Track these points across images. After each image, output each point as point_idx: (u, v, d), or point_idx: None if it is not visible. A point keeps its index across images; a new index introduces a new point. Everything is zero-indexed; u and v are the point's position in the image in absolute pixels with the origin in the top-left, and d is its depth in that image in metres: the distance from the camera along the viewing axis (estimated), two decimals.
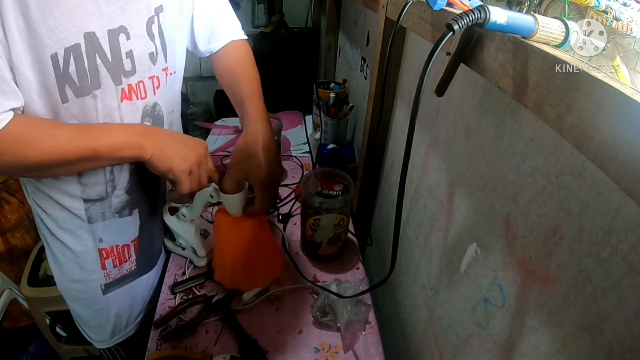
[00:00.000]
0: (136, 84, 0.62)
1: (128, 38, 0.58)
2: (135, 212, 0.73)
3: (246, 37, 0.83)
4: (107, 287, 0.75)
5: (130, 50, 0.59)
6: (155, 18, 0.62)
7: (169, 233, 0.88)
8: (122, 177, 0.68)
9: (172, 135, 0.63)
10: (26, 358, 1.35)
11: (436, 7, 0.47)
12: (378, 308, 0.92)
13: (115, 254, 0.73)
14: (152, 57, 0.63)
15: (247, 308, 0.77)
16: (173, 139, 0.62)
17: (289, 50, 2.27)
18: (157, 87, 0.67)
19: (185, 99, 2.59)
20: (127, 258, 0.76)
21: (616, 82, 0.26)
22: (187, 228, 0.84)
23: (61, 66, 0.52)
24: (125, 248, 0.75)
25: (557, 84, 0.30)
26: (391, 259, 0.51)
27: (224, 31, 0.79)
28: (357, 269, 0.89)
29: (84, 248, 0.70)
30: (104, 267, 0.73)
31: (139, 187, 0.72)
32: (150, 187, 0.76)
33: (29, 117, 0.54)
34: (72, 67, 0.53)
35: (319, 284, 0.80)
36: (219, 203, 0.74)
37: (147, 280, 0.83)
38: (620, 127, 0.25)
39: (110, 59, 0.57)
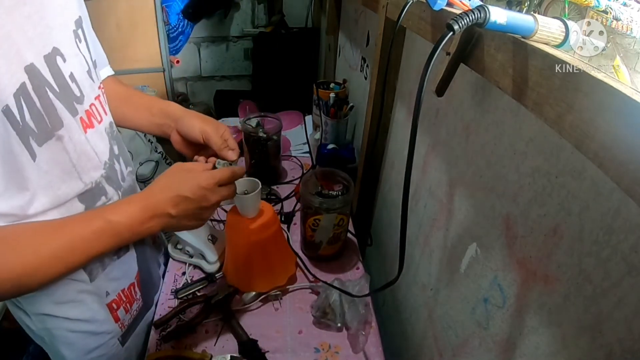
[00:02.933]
0: (90, 108, 0.56)
1: (64, 60, 0.50)
2: (131, 245, 0.68)
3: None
4: (125, 337, 0.69)
5: (72, 73, 0.52)
6: (79, 32, 0.55)
7: (173, 241, 0.88)
8: None
9: (175, 200, 0.54)
10: (26, 358, 1.35)
11: (436, 7, 0.47)
12: (378, 308, 0.92)
13: (124, 299, 0.67)
14: (90, 75, 0.57)
15: (247, 308, 0.77)
16: (177, 204, 0.54)
17: (289, 50, 2.27)
18: (105, 105, 0.62)
19: (185, 99, 2.59)
20: (135, 297, 0.70)
21: (616, 82, 0.26)
22: (196, 235, 0.83)
23: (17, 117, 0.43)
24: (131, 287, 0.69)
25: (557, 84, 0.30)
26: (399, 259, 0.51)
27: (103, 62, 0.70)
28: (357, 269, 0.89)
29: (92, 312, 0.62)
30: (117, 320, 0.66)
31: None
32: None
33: (5, 234, 0.46)
34: (26, 115, 0.44)
35: (321, 283, 0.80)
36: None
37: (154, 305, 0.79)
38: (620, 127, 0.25)
39: (57, 89, 0.49)
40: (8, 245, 0.45)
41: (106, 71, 0.71)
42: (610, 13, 0.34)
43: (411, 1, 0.57)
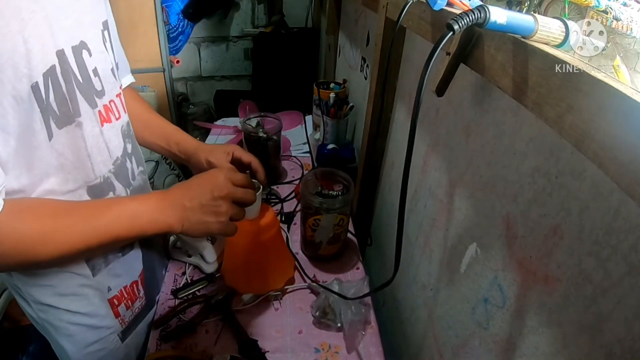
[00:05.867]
0: (109, 104, 0.58)
1: (90, 54, 0.53)
2: (136, 243, 0.68)
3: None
4: (125, 334, 0.69)
5: (95, 68, 0.54)
6: (106, 32, 0.58)
7: (172, 241, 0.88)
8: None
9: (189, 193, 0.56)
10: (26, 358, 1.35)
11: (436, 7, 0.47)
12: (378, 308, 0.92)
13: (126, 295, 0.67)
14: (114, 73, 0.59)
15: (247, 308, 0.77)
16: (192, 197, 0.56)
17: (289, 50, 2.27)
18: (125, 104, 0.63)
19: (185, 99, 2.59)
20: (137, 295, 0.70)
21: (616, 82, 0.26)
22: None
23: (43, 95, 0.45)
24: (134, 285, 0.69)
25: (557, 84, 0.30)
26: (395, 260, 0.51)
27: (126, 69, 0.74)
28: (357, 269, 0.89)
29: (93, 306, 0.62)
30: (117, 315, 0.66)
31: None
32: None
33: (28, 202, 0.47)
34: (51, 95, 0.46)
35: (320, 284, 0.80)
36: None
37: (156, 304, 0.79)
38: (620, 127, 0.25)
39: (80, 80, 0.51)
40: (30, 211, 0.47)
41: (128, 79, 0.75)
42: (610, 13, 0.34)
43: (411, 1, 0.57)
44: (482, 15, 0.34)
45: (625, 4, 0.36)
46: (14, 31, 0.41)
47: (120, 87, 0.63)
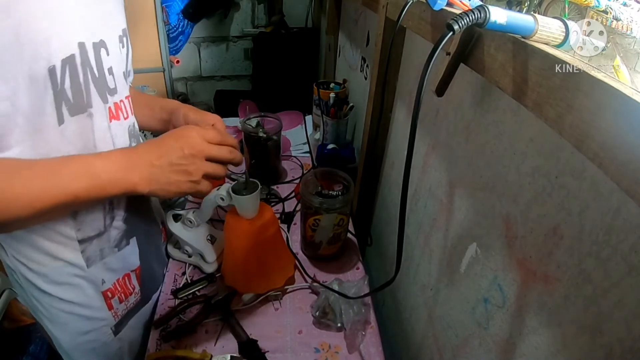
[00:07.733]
0: (119, 103, 0.59)
1: (108, 54, 0.55)
2: (133, 240, 0.68)
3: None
4: (118, 327, 0.70)
5: (111, 67, 0.56)
6: (124, 39, 0.60)
7: (172, 240, 0.88)
8: (121, 204, 0.63)
9: (157, 150, 0.53)
10: (26, 358, 1.35)
11: (436, 7, 0.47)
12: (378, 308, 0.92)
13: (119, 288, 0.68)
14: (125, 76, 0.61)
15: (247, 308, 0.77)
16: (161, 155, 0.53)
17: (289, 50, 2.27)
18: (132, 106, 0.64)
19: (185, 99, 2.60)
20: (132, 290, 0.71)
21: (616, 82, 0.26)
22: (195, 235, 0.83)
23: (59, 80, 0.47)
24: (127, 278, 0.69)
25: (557, 84, 0.30)
26: (396, 260, 0.51)
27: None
28: (357, 268, 0.89)
29: (86, 297, 0.63)
30: (110, 308, 0.67)
31: (136, 213, 0.67)
32: (146, 210, 0.73)
33: None
34: (67, 82, 0.48)
35: (321, 283, 0.80)
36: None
37: (152, 301, 0.79)
38: (620, 127, 0.25)
39: (97, 75, 0.53)
40: None
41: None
42: (610, 13, 0.34)
43: (411, 1, 0.57)
44: (482, 15, 0.34)
45: (625, 4, 0.36)
46: (39, 18, 0.43)
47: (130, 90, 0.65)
